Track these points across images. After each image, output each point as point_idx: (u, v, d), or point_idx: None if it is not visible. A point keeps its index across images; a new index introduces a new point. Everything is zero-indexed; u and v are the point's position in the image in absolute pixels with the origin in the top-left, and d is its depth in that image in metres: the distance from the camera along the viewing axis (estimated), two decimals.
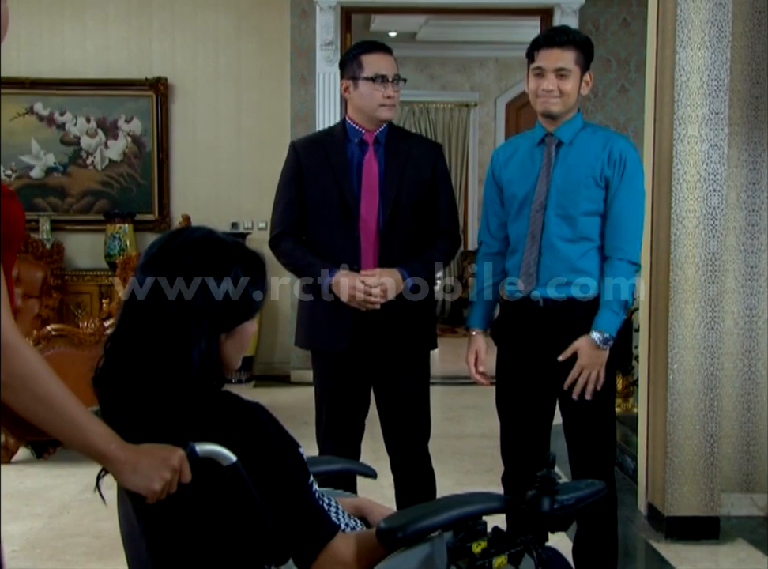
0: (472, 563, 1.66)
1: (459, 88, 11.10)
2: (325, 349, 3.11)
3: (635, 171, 2.94)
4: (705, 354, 3.82)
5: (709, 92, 3.76)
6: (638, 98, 6.87)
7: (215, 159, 7.46)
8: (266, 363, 7.54)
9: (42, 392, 1.31)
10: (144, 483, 1.47)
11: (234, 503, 1.58)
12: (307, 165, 3.08)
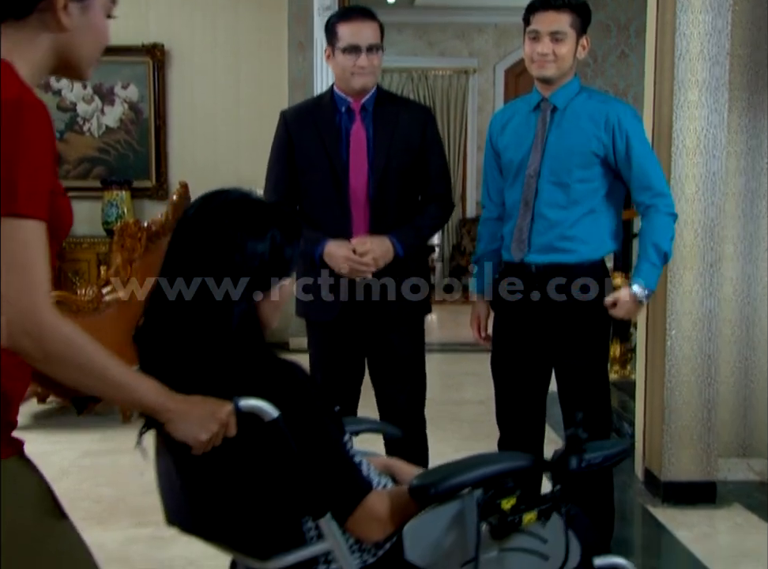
0: (503, 518, 1.69)
1: (458, 54, 11.01)
2: (316, 319, 3.11)
3: (637, 129, 2.94)
4: (704, 320, 3.81)
5: (710, 57, 3.72)
6: (638, 64, 6.81)
7: (212, 125, 7.41)
8: None
9: (83, 362, 1.35)
10: (192, 433, 1.52)
11: (273, 457, 1.61)
12: (297, 135, 3.06)
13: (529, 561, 1.75)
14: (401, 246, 3.02)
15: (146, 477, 4.18)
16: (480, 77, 11.08)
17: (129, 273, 5.04)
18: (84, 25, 1.44)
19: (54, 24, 1.40)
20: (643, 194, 2.93)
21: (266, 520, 1.66)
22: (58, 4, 1.40)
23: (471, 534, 1.70)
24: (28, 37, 1.40)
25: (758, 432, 4.11)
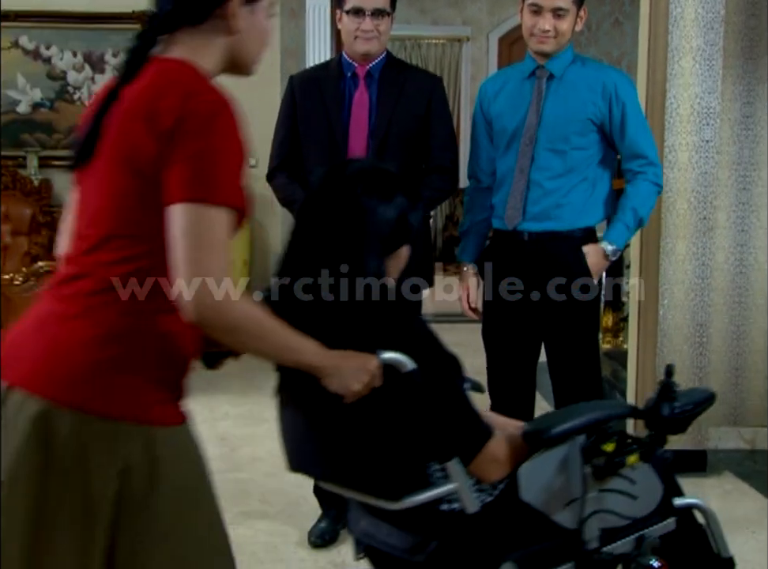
0: (610, 460, 1.85)
1: (451, 22, 10.94)
2: None
3: (633, 99, 2.96)
4: (696, 289, 3.81)
5: (704, 24, 3.69)
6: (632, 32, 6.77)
7: None
8: None
9: (257, 331, 1.51)
10: (346, 384, 1.67)
11: (406, 406, 1.73)
12: (301, 99, 3.06)
13: (622, 501, 1.91)
14: None
15: None
16: (473, 46, 11.01)
17: None
18: (251, 27, 1.59)
19: (226, 28, 1.56)
20: (634, 161, 2.95)
21: (397, 464, 1.78)
22: (230, 10, 1.55)
23: (576, 476, 1.86)
24: (203, 42, 1.56)
25: (749, 401, 4.13)
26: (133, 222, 1.49)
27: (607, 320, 5.45)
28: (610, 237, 2.94)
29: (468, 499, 1.79)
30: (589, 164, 2.94)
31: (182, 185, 1.42)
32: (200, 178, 1.42)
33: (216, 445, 4.25)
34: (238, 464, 4.02)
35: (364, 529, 1.98)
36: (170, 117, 1.43)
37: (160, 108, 1.44)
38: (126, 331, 1.48)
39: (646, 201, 2.96)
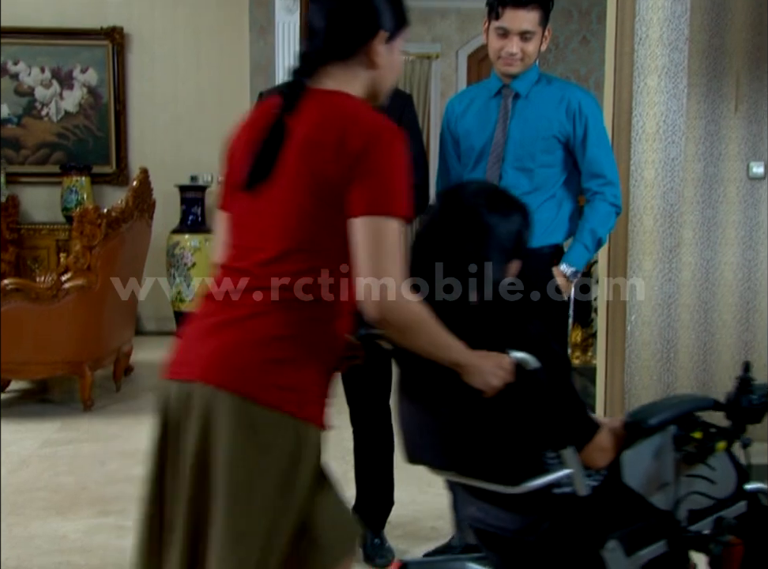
0: (701, 446, 2.07)
1: (420, 39, 10.99)
2: None
3: (597, 117, 2.99)
4: (663, 305, 3.85)
5: (669, 43, 3.75)
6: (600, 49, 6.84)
7: (173, 111, 7.35)
8: None
9: (427, 330, 1.73)
10: (487, 381, 1.85)
11: (527, 400, 1.92)
12: None
13: (705, 485, 2.14)
14: None
15: (108, 467, 4.19)
16: (443, 63, 11.08)
17: (88, 260, 4.99)
18: (388, 62, 1.84)
19: (369, 63, 1.80)
20: (593, 180, 2.99)
21: (517, 453, 1.97)
22: (373, 48, 1.80)
23: (668, 462, 2.08)
24: (349, 75, 1.80)
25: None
26: (310, 237, 1.72)
27: (576, 336, 5.50)
28: (569, 259, 2.97)
29: (581, 483, 1.99)
30: (555, 182, 2.97)
31: (365, 201, 1.66)
32: (379, 194, 1.67)
33: None
34: None
35: (473, 515, 2.18)
36: (355, 143, 1.66)
37: (346, 136, 1.67)
38: (298, 334, 1.71)
39: (605, 222, 3.00)
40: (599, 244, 3.02)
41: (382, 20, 1.82)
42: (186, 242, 7.07)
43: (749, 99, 4.02)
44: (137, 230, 5.45)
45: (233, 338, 1.72)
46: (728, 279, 4.11)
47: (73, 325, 4.96)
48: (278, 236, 1.73)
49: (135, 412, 5.01)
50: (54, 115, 7.28)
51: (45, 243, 7.01)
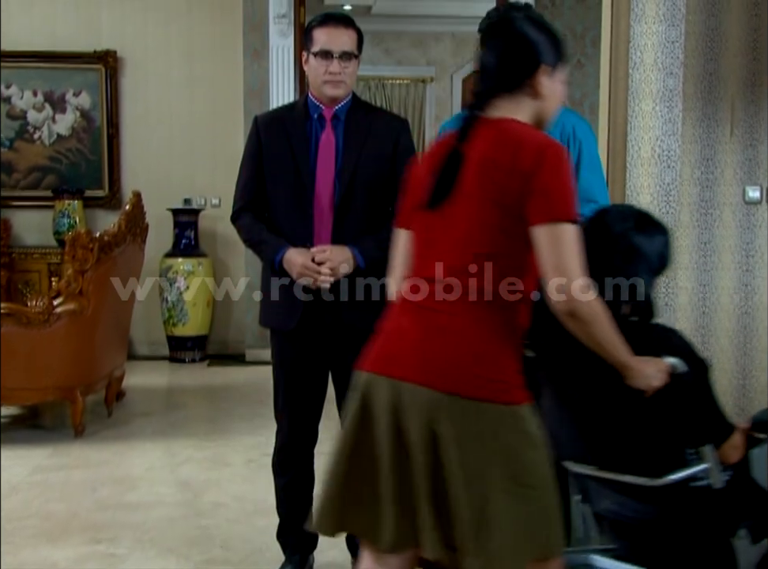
0: None
1: (415, 62, 11.06)
2: (278, 328, 3.11)
3: (590, 142, 3.02)
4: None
5: (664, 68, 3.78)
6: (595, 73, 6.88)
7: (166, 134, 7.38)
8: (220, 342, 7.51)
9: (605, 325, 1.94)
10: (648, 382, 2.11)
11: (677, 400, 2.16)
12: (267, 141, 3.06)
13: None
14: (363, 257, 3.01)
15: (99, 493, 4.17)
16: (438, 86, 11.14)
17: (80, 285, 4.99)
18: (551, 92, 2.09)
19: (533, 94, 2.06)
20: (586, 206, 2.98)
21: (661, 449, 2.21)
22: (537, 80, 2.06)
23: None
24: (516, 105, 2.06)
25: None
26: (494, 243, 1.97)
27: None
28: None
29: (717, 476, 2.20)
30: None
31: (541, 211, 1.91)
32: (553, 204, 1.92)
33: (179, 490, 4.22)
34: (200, 510, 3.99)
35: (608, 507, 2.39)
36: (526, 163, 1.92)
37: (517, 157, 1.93)
38: (495, 329, 1.96)
39: None
40: None
41: (543, 56, 2.07)
42: (179, 266, 7.07)
43: (744, 123, 4.06)
44: (129, 254, 5.46)
45: (441, 341, 1.97)
46: (726, 304, 4.13)
47: (64, 350, 4.95)
48: (466, 244, 2.00)
49: (127, 438, 4.99)
50: (46, 139, 7.30)
51: (37, 267, 7.01)
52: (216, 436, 5.10)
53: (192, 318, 7.16)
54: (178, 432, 5.14)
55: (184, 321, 7.14)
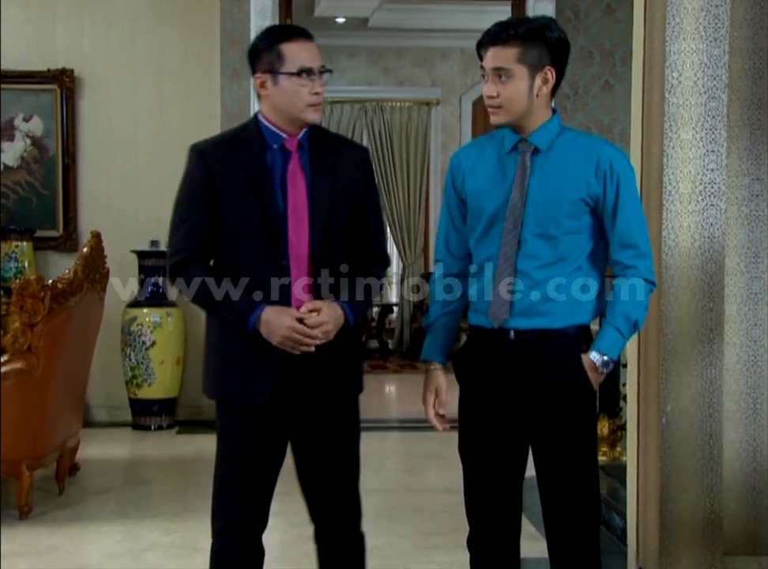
0: None
1: (418, 83, 11.16)
2: (241, 402, 3.01)
3: (629, 178, 2.99)
4: (703, 393, 3.84)
5: (705, 91, 3.80)
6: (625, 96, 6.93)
7: (132, 165, 7.41)
8: (192, 406, 7.47)
9: None
10: None
11: None
12: (220, 177, 2.98)
13: None
14: (353, 313, 3.01)
15: None
16: (444, 110, 11.23)
17: (29, 340, 4.98)
18: None
19: None
20: (624, 252, 2.99)
21: None
22: None
23: None
24: None
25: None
26: None
27: (602, 428, 5.47)
28: (601, 346, 2.94)
29: None
30: (581, 252, 2.97)
31: None
32: None
33: None
34: None
35: None
36: None
37: None
38: None
39: (640, 302, 2.98)
40: (635, 328, 2.98)
41: None
42: (145, 317, 7.07)
43: None
44: (87, 304, 5.45)
45: None
46: None
47: (9, 416, 4.92)
48: None
49: (81, 520, 4.93)
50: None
51: None
52: (186, 517, 5.05)
53: (159, 379, 7.14)
54: (141, 512, 5.09)
55: (150, 381, 7.12)
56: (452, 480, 3.33)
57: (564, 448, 3.00)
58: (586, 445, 3.05)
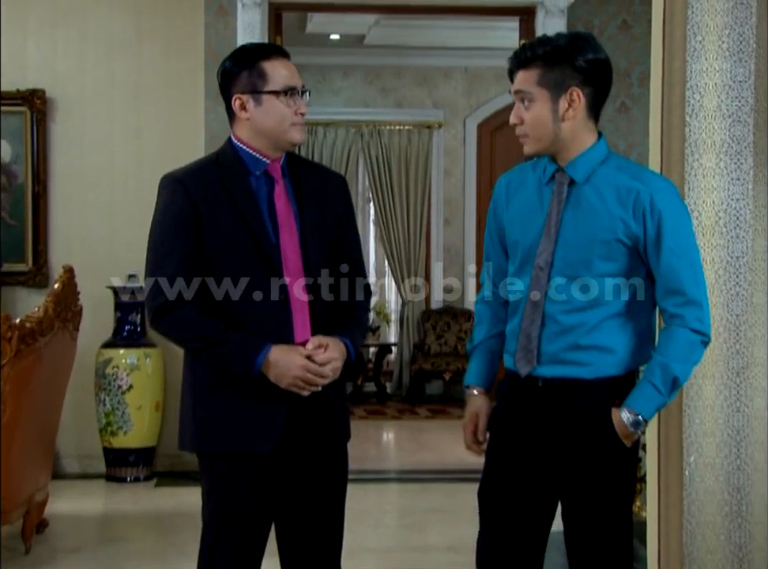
0: None
1: (419, 104, 11.20)
2: (244, 452, 2.99)
3: (675, 214, 2.95)
4: (730, 443, 3.83)
5: (729, 114, 3.81)
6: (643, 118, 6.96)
7: (108, 193, 7.42)
8: (171, 456, 7.43)
9: None
10: None
11: None
12: (206, 207, 2.99)
13: None
14: (354, 349, 3.03)
15: None
16: (447, 133, 11.26)
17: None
18: None
19: None
20: (670, 299, 2.92)
21: None
22: None
23: None
24: None
25: None
26: None
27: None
28: (633, 403, 2.91)
29: None
30: (618, 295, 2.95)
31: None
32: None
33: None
34: None
35: None
36: None
37: None
38: None
39: (684, 356, 2.92)
40: (674, 385, 2.93)
41: None
42: (121, 358, 7.06)
43: None
44: (58, 344, 5.44)
45: None
46: None
47: None
48: None
49: None
50: None
51: None
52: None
53: (136, 426, 7.12)
54: None
55: (126, 429, 7.09)
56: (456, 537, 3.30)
57: (596, 506, 3.00)
58: (620, 504, 3.05)
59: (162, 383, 7.29)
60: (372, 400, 11.27)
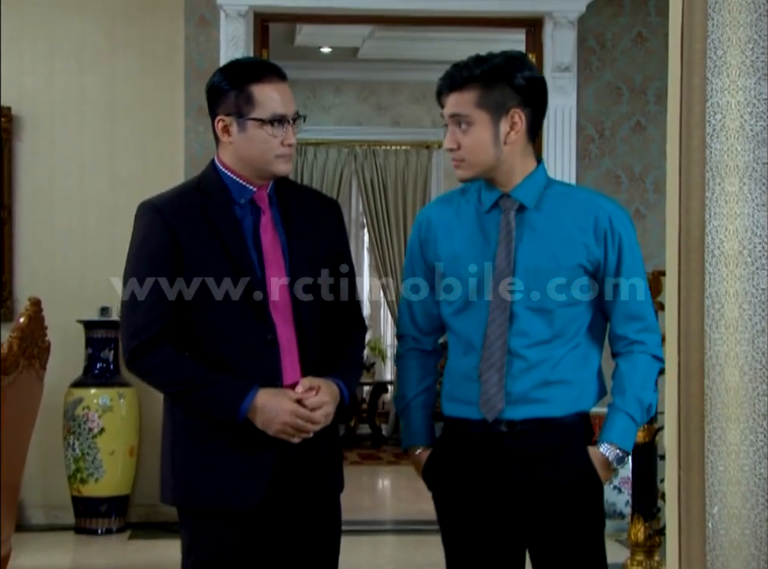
0: None
1: (417, 123, 11.24)
2: (229, 505, 2.99)
3: (632, 240, 3.08)
4: (757, 492, 3.82)
5: (753, 135, 3.82)
6: (660, 139, 6.99)
7: (79, 219, 7.43)
8: (147, 506, 7.42)
9: None
10: None
11: None
12: (186, 238, 2.99)
13: None
14: (348, 391, 3.03)
15: None
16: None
17: None
18: None
19: None
20: (630, 325, 3.03)
21: None
22: None
23: None
24: None
25: None
26: None
27: (636, 533, 5.45)
28: (612, 436, 2.99)
29: None
30: (580, 326, 3.00)
31: None
32: None
33: None
34: None
35: None
36: None
37: None
38: None
39: (651, 383, 3.05)
40: (647, 413, 3.05)
41: None
42: (92, 399, 7.05)
43: None
44: (23, 384, 5.43)
45: None
46: None
47: None
48: None
49: None
50: None
51: None
52: None
53: (108, 472, 7.11)
54: None
55: (97, 476, 7.08)
56: None
57: (570, 547, 3.03)
58: (594, 550, 3.08)
59: (137, 426, 7.28)
60: (366, 443, 11.26)
